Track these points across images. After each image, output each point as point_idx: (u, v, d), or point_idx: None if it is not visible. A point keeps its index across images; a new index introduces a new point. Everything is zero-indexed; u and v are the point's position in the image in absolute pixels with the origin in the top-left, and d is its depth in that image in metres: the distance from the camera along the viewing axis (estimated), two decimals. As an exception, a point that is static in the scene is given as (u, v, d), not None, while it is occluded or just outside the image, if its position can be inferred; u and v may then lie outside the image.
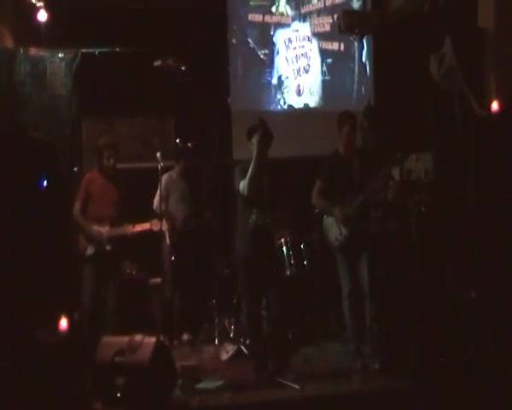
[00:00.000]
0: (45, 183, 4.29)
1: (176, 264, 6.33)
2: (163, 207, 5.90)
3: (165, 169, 6.04)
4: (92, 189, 5.55)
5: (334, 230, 5.34)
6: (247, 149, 5.16)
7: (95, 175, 5.63)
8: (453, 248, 5.78)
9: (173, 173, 6.53)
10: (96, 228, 5.50)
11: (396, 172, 5.88)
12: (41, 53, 5.17)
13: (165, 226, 5.75)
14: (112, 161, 5.54)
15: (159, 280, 6.07)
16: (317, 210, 5.97)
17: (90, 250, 5.50)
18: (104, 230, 5.50)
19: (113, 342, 4.59)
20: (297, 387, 4.77)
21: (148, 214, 5.88)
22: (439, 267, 5.58)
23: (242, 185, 5.00)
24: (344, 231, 5.26)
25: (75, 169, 5.77)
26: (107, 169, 5.56)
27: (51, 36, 5.50)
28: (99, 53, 5.67)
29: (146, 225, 5.56)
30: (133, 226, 5.55)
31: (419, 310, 5.34)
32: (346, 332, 5.46)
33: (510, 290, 4.87)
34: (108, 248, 5.48)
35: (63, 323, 4.27)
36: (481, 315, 4.90)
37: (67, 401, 4.11)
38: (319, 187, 5.43)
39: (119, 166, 5.73)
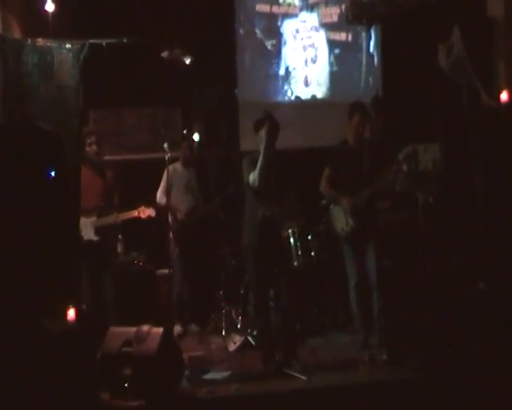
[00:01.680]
0: (53, 173, 4.30)
1: (181, 255, 6.32)
2: (166, 200, 5.95)
3: (172, 160, 6.03)
4: None
5: (340, 220, 5.29)
6: (254, 140, 5.15)
7: None
8: (461, 238, 5.73)
9: (177, 165, 6.47)
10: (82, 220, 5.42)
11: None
12: (48, 44, 5.12)
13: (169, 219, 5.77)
14: (94, 148, 5.52)
15: (166, 271, 6.04)
16: (324, 201, 5.94)
17: None
18: (90, 221, 5.45)
19: (121, 332, 4.58)
20: (304, 378, 4.75)
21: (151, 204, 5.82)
22: (447, 258, 5.55)
23: (252, 177, 5.00)
24: (351, 221, 5.22)
25: (82, 160, 5.77)
26: (91, 157, 5.51)
27: (59, 27, 5.49)
28: (106, 44, 5.64)
29: (133, 213, 5.53)
30: (119, 215, 5.51)
31: (427, 301, 5.34)
32: (354, 323, 5.43)
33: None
34: (96, 238, 5.44)
35: (71, 313, 4.31)
36: (489, 307, 4.87)
37: (75, 391, 4.11)
38: (327, 175, 5.38)
39: (127, 157, 5.72)
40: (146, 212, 5.51)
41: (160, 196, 6.29)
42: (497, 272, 4.99)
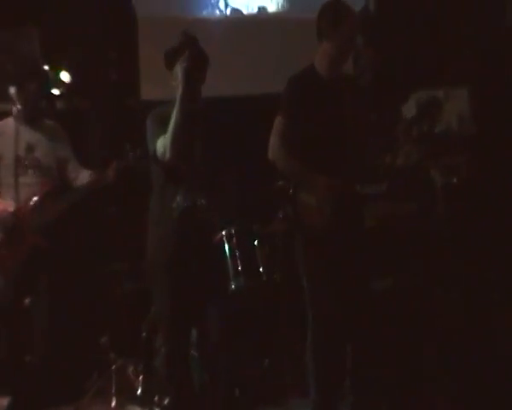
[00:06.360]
0: None
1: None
2: None
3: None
4: None
5: (311, 212, 5.00)
6: (164, 85, 5.02)
7: None
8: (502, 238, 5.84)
9: (10, 119, 6.14)
10: None
11: (409, 113, 5.78)
12: None
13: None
14: None
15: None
16: (280, 182, 5.75)
17: None
18: None
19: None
20: None
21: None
22: (483, 274, 5.58)
23: (161, 145, 4.84)
24: (330, 215, 4.89)
25: None
26: None
27: None
28: None
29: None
30: None
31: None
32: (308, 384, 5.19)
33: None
34: None
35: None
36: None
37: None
38: (282, 128, 4.97)
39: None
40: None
41: None
42: None
